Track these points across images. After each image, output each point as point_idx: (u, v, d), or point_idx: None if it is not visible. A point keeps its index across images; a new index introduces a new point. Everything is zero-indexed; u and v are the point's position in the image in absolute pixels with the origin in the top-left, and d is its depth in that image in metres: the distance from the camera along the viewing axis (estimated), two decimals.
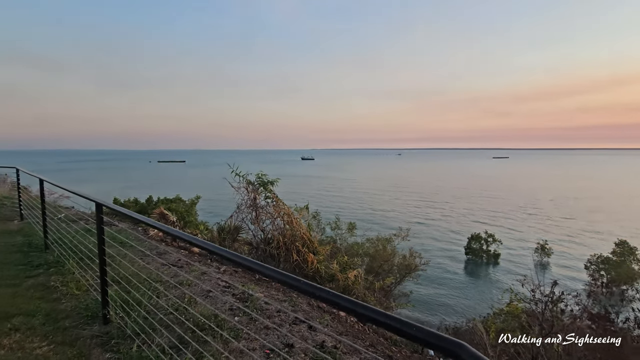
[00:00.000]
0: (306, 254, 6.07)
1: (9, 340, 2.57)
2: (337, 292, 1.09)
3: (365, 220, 23.79)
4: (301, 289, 1.15)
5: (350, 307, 0.97)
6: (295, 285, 1.17)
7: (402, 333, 0.87)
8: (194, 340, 2.60)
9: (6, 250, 4.78)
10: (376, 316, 0.92)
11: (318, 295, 1.09)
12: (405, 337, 0.89)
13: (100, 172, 76.98)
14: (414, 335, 0.86)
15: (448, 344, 0.81)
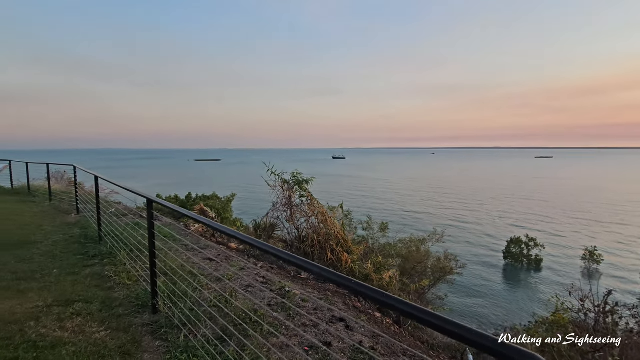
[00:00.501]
0: (340, 253, 6.07)
1: (72, 324, 2.80)
2: (390, 294, 1.07)
3: (397, 221, 23.35)
4: (352, 289, 1.15)
5: (409, 311, 0.95)
6: (347, 285, 1.17)
7: (464, 340, 0.85)
8: (235, 335, 2.69)
9: (66, 241, 5.22)
10: (438, 322, 0.89)
11: (370, 296, 1.08)
12: (466, 344, 0.86)
13: (144, 170, 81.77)
14: (478, 342, 0.83)
15: (515, 353, 0.77)
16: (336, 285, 1.10)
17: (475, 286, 14.36)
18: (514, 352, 0.77)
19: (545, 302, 8.23)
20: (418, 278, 9.11)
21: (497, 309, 12.72)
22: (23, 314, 2.90)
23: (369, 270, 5.98)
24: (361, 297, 0.99)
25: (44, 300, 3.20)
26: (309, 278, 5.61)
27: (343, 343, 3.00)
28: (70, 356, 2.35)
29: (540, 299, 12.85)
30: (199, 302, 3.18)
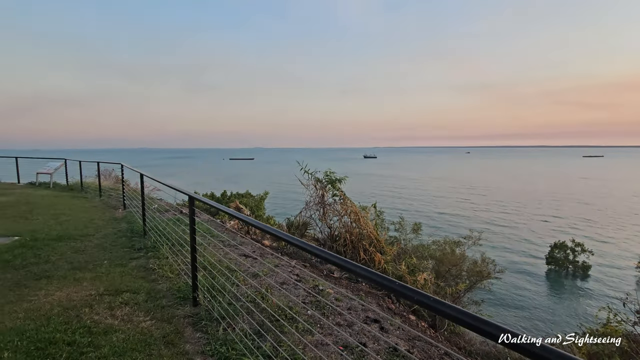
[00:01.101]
0: (373, 254, 6.00)
1: (121, 313, 2.99)
2: (436, 297, 1.03)
3: (430, 222, 22.68)
4: (396, 291, 1.12)
5: (465, 320, 0.91)
6: (389, 286, 1.15)
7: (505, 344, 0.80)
8: (271, 331, 2.74)
9: (114, 235, 5.58)
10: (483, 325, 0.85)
11: (417, 300, 1.05)
12: (508, 347, 0.81)
13: (181, 168, 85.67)
14: (520, 346, 0.78)
15: (556, 357, 0.72)
16: (380, 287, 1.08)
17: (513, 293, 13.61)
18: (555, 356, 0.73)
19: (594, 314, 7.64)
20: (453, 281, 8.80)
21: (539, 317, 11.99)
22: (79, 301, 3.14)
23: (403, 271, 5.86)
24: (408, 300, 0.97)
25: (97, 289, 3.44)
26: (342, 277, 5.60)
27: (378, 344, 2.97)
28: (120, 343, 2.50)
29: (587, 309, 11.96)
30: (236, 296, 3.27)
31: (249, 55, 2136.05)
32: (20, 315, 2.85)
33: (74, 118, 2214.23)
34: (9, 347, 2.39)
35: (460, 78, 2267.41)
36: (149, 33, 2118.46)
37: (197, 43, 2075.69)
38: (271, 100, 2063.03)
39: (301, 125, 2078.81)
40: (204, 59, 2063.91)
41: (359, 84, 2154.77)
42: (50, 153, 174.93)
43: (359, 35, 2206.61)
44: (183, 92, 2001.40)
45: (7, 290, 3.35)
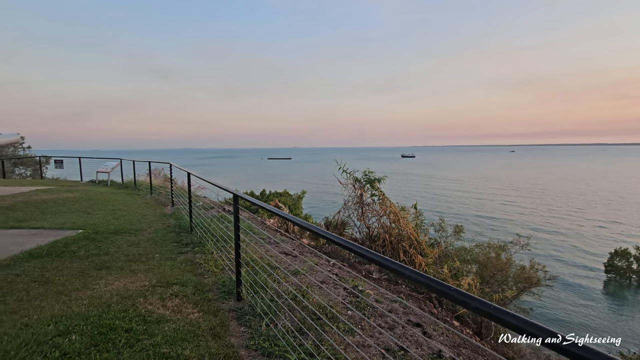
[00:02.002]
0: (414, 255, 5.83)
1: (171, 304, 3.16)
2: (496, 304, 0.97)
3: (472, 224, 21.60)
4: (452, 297, 1.06)
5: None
6: (443, 291, 1.10)
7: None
8: (312, 329, 2.75)
9: (164, 230, 5.94)
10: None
11: (474, 307, 0.99)
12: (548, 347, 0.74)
13: (221, 167, 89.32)
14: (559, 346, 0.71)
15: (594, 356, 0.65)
16: (433, 291, 1.03)
17: (567, 303, 12.56)
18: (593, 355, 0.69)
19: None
20: (498, 287, 8.33)
21: (601, 326, 10.96)
22: (134, 291, 3.37)
23: (445, 275, 5.64)
24: (465, 307, 0.92)
25: (149, 280, 3.67)
26: (381, 278, 5.51)
27: (421, 349, 2.88)
28: (172, 332, 2.65)
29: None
30: (278, 293, 3.34)
31: (284, 57, 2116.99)
32: (84, 302, 3.11)
33: (126, 121, 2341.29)
34: (76, 330, 2.62)
35: (502, 73, 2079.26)
36: (193, 38, 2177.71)
37: (235, 46, 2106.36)
38: (308, 100, 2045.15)
39: (337, 125, 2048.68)
40: (242, 61, 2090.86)
41: (396, 81, 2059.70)
42: (107, 154, 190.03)
43: (393, 32, 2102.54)
44: (223, 94, 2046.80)
45: (73, 278, 3.68)
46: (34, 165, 19.89)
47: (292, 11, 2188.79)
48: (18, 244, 4.79)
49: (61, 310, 2.94)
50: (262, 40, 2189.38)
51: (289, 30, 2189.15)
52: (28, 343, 2.41)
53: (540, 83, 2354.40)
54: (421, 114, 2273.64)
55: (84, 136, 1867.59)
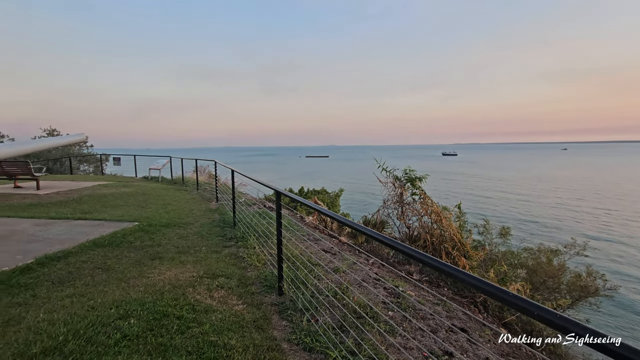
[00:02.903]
0: (457, 258, 5.60)
1: (218, 295, 3.32)
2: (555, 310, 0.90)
3: (519, 227, 20.17)
4: (509, 302, 1.01)
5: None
6: (499, 296, 1.04)
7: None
8: (352, 327, 2.75)
9: (210, 224, 6.24)
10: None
11: (537, 315, 0.93)
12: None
13: (261, 165, 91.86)
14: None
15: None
16: (488, 296, 0.98)
17: (633, 320, 11.35)
18: None
19: None
20: (550, 294, 7.75)
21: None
22: (184, 281, 3.58)
23: (492, 279, 5.36)
24: (525, 314, 0.86)
25: (197, 272, 3.88)
26: (422, 279, 5.36)
27: (466, 355, 2.76)
28: (219, 322, 2.78)
29: None
30: (318, 289, 3.37)
31: (323, 55, 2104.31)
32: (141, 289, 3.36)
33: (175, 121, 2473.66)
34: (134, 314, 2.84)
35: (553, 65, 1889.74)
36: (236, 39, 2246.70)
37: (274, 46, 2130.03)
38: (345, 98, 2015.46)
39: (376, 122, 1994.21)
40: (281, 61, 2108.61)
41: (438, 77, 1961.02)
42: (158, 152, 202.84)
43: (436, 26, 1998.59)
44: (263, 94, 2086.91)
45: (131, 266, 3.99)
46: (95, 162, 21.83)
47: (331, 9, 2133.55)
48: (84, 233, 5.30)
49: (121, 295, 3.20)
50: (301, 39, 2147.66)
51: (328, 28, 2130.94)
52: (94, 324, 2.66)
53: (596, 75, 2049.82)
54: (464, 111, 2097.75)
55: (137, 135, 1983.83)
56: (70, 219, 6.29)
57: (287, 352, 2.49)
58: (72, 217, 6.36)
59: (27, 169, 9.32)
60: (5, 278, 3.53)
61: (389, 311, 3.33)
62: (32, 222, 5.98)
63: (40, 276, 3.63)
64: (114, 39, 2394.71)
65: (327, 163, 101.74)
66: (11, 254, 4.33)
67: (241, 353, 2.38)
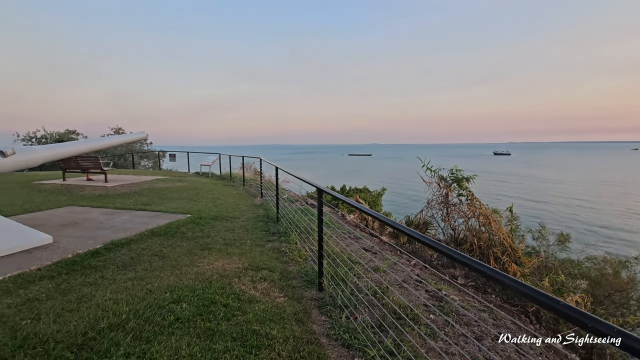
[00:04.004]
0: (507, 264, 5.28)
1: (261, 286, 3.47)
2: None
3: (579, 234, 18.34)
4: (561, 312, 0.95)
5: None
6: (551, 305, 0.98)
7: None
8: (392, 327, 2.73)
9: (254, 219, 6.51)
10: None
11: (591, 328, 0.87)
12: None
13: (304, 162, 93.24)
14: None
15: None
16: (536, 304, 0.93)
17: None
18: None
19: None
20: (616, 310, 6.99)
21: None
22: (230, 272, 3.79)
23: (546, 289, 4.98)
24: (578, 326, 0.80)
25: (242, 263, 4.08)
26: (467, 284, 5.13)
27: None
28: (261, 312, 2.91)
29: None
30: (358, 287, 3.38)
31: (366, 52, 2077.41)
32: (192, 277, 3.62)
33: (223, 120, 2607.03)
34: (185, 299, 3.07)
35: (623, 56, 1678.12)
36: (282, 38, 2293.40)
37: (317, 46, 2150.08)
38: (390, 95, 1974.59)
39: (421, 120, 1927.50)
40: (324, 60, 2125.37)
41: (491, 72, 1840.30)
42: (208, 149, 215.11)
43: (490, 18, 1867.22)
44: (307, 92, 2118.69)
45: (183, 255, 4.30)
46: (154, 158, 23.69)
47: (381, 5, 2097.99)
48: (144, 223, 5.80)
49: (174, 281, 3.48)
50: (349, 36, 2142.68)
51: (376, 24, 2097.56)
52: (151, 306, 2.92)
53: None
54: (522, 107, 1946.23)
55: (190, 133, 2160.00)
56: (132, 209, 6.92)
57: (326, 346, 2.54)
58: (133, 208, 7.00)
59: (97, 164, 10.39)
60: (80, 260, 4.00)
61: (431, 314, 3.24)
62: (100, 211, 6.68)
63: (107, 260, 4.05)
64: (172, 43, 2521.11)
65: (370, 161, 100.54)
66: (84, 238, 4.88)
67: (282, 343, 2.48)
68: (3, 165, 4.56)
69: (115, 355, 2.24)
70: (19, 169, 5.13)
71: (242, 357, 2.30)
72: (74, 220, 5.91)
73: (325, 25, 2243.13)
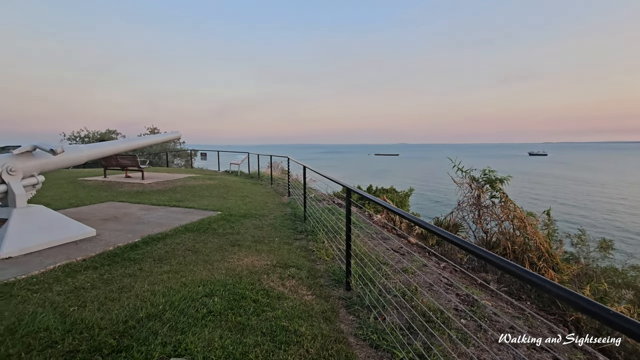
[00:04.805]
0: (544, 270, 5.03)
1: (289, 284, 3.52)
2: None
3: (625, 242, 17.06)
4: (611, 322, 0.90)
5: None
6: (598, 313, 0.94)
7: None
8: (421, 330, 2.68)
9: (282, 217, 6.61)
10: None
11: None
12: None
13: (330, 162, 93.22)
14: None
15: None
16: (582, 312, 0.89)
17: None
18: None
19: None
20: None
21: None
22: (259, 268, 3.88)
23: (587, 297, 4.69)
24: (630, 337, 0.75)
25: (271, 260, 4.16)
26: (500, 289, 4.94)
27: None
28: (289, 309, 2.95)
29: None
30: (386, 288, 3.36)
31: (394, 51, 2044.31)
32: (223, 272, 3.74)
33: (251, 120, 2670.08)
34: (217, 293, 3.18)
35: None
36: (312, 36, 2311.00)
37: (344, 46, 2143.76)
38: (419, 94, 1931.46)
39: (451, 120, 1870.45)
40: (355, 59, 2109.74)
41: (525, 69, 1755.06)
42: (237, 148, 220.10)
43: (522, 12, 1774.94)
44: (334, 92, 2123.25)
45: (214, 251, 4.45)
46: (186, 157, 24.61)
47: (414, 2, 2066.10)
48: (178, 219, 6.06)
49: (207, 275, 3.61)
50: (378, 35, 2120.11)
51: (406, 22, 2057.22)
52: (186, 298, 3.05)
53: None
54: (559, 104, 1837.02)
55: (221, 133, 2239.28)
56: (167, 205, 7.24)
57: (354, 345, 2.54)
58: (168, 204, 7.32)
59: (135, 162, 10.96)
60: (120, 252, 4.24)
61: (462, 319, 3.16)
62: (138, 207, 7.04)
63: (144, 253, 4.27)
64: (205, 45, 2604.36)
65: (397, 161, 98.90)
66: (124, 232, 5.17)
67: (310, 341, 2.51)
68: (54, 163, 4.93)
69: (153, 343, 2.36)
70: (67, 166, 5.53)
71: (272, 352, 2.35)
72: (115, 215, 6.27)
73: (359, 24, 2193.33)
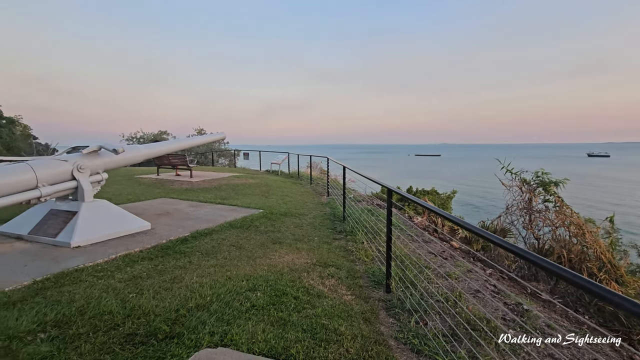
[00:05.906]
0: (606, 282, 4.60)
1: (328, 282, 3.56)
2: None
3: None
4: None
5: None
6: None
7: None
8: (466, 337, 2.58)
9: (321, 217, 6.68)
10: None
11: None
12: None
13: (370, 162, 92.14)
14: None
15: None
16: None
17: None
18: None
19: None
20: None
21: None
22: (300, 266, 3.96)
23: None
24: None
25: (310, 259, 4.23)
26: (554, 299, 4.59)
27: None
28: (329, 308, 2.99)
29: None
30: (428, 292, 3.27)
31: (435, 48, 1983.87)
32: (264, 268, 3.87)
33: (293, 120, 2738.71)
34: (259, 288, 3.30)
35: None
36: (351, 38, 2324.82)
37: (389, 43, 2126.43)
38: (464, 91, 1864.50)
39: (497, 119, 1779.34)
40: (393, 60, 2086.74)
41: (588, 59, 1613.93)
42: (278, 148, 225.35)
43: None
44: (374, 92, 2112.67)
45: (257, 247, 4.62)
46: (230, 156, 25.70)
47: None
48: (223, 216, 6.36)
49: (250, 271, 3.75)
50: (418, 33, 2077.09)
51: (443, 20, 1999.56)
52: (231, 291, 3.20)
53: None
54: (622, 102, 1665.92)
55: (263, 133, 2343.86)
56: (213, 203, 7.63)
57: (394, 349, 2.51)
58: (214, 202, 7.71)
59: (184, 161, 11.66)
60: (172, 245, 4.55)
61: (510, 329, 2.99)
62: (187, 204, 7.49)
63: (193, 247, 4.55)
64: (250, 48, 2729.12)
65: (438, 162, 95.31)
66: (175, 227, 5.53)
67: (350, 340, 2.52)
68: (116, 161, 5.41)
69: (202, 332, 2.52)
70: (126, 165, 6.04)
71: (312, 348, 2.39)
72: (167, 211, 6.73)
73: (398, 21, 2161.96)
